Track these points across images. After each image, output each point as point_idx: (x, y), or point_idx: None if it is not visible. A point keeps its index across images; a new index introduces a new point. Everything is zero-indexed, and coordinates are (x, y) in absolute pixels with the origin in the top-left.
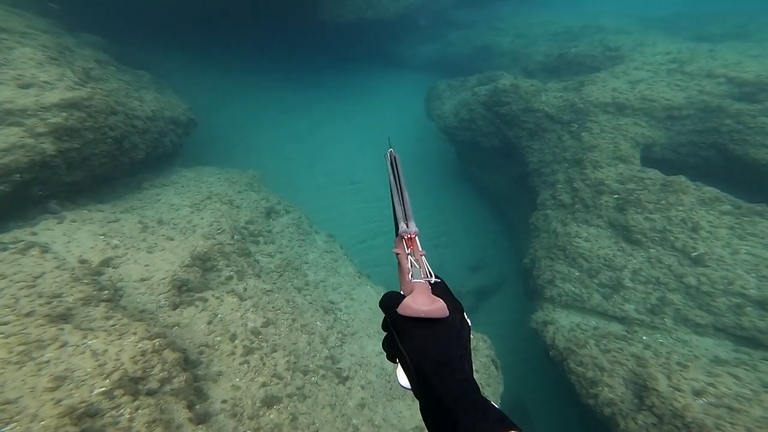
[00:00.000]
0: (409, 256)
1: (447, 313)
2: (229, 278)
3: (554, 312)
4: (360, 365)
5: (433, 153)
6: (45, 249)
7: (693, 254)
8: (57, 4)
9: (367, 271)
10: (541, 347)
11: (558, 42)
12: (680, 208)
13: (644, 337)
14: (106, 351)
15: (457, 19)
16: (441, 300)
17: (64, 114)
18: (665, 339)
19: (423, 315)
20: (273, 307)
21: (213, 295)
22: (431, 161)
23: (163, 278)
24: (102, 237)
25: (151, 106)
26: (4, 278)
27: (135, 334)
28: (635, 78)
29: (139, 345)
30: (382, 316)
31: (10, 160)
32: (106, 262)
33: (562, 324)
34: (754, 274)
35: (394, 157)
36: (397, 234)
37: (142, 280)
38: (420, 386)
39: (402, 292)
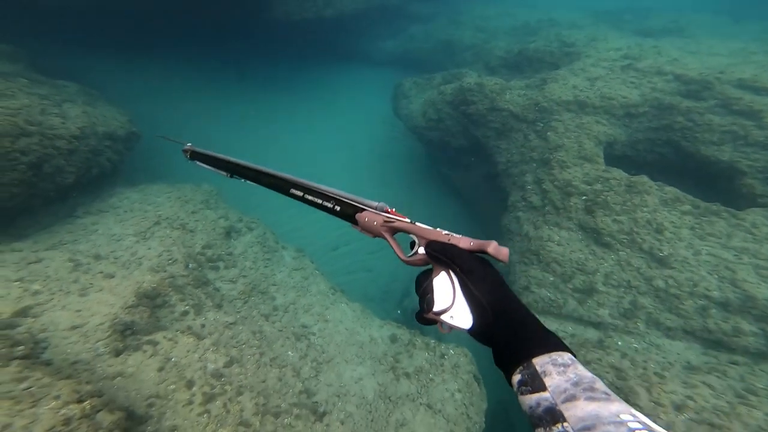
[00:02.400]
0: (417, 223)
1: (507, 253)
2: (185, 314)
3: None
4: (338, 396)
5: (403, 152)
6: None
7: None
8: None
9: (341, 280)
10: None
11: (516, 36)
12: (645, 209)
13: (619, 343)
14: (8, 425)
15: (416, 13)
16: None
17: None
18: (639, 344)
19: (502, 255)
20: (237, 342)
21: (165, 337)
22: (401, 160)
23: (101, 323)
24: (17, 283)
25: (77, 122)
26: None
27: (57, 397)
28: (593, 75)
29: (63, 411)
30: (358, 337)
31: None
32: (21, 312)
33: None
34: (715, 276)
35: (193, 151)
36: (351, 219)
37: (73, 328)
38: (495, 319)
39: (415, 253)
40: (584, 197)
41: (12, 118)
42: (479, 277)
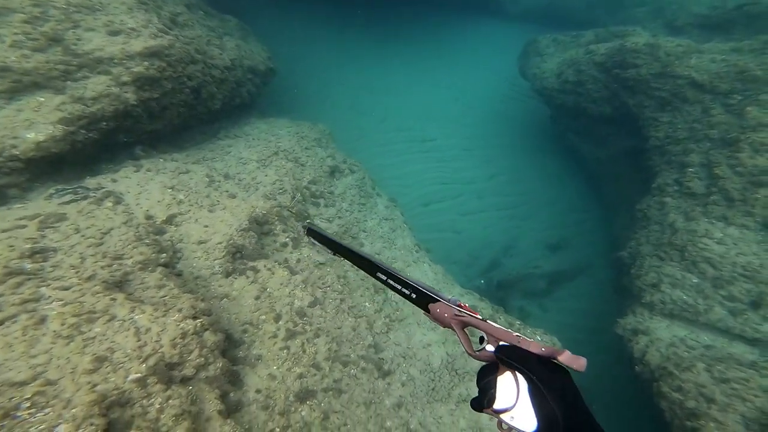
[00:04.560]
0: (489, 321)
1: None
2: (284, 245)
3: (650, 321)
4: (404, 357)
5: (520, 113)
6: (118, 200)
7: None
8: None
9: (428, 237)
10: (615, 347)
11: None
12: None
13: None
14: (148, 330)
15: None
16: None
17: (146, 63)
18: None
19: (578, 364)
20: (323, 284)
21: (265, 266)
22: (516, 122)
23: (220, 242)
24: (170, 190)
25: (231, 54)
26: (77, 232)
27: (180, 311)
28: None
29: (181, 325)
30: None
31: (97, 108)
32: (169, 220)
33: (659, 336)
34: None
35: (310, 229)
36: (425, 308)
37: (200, 242)
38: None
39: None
40: None
41: (187, 46)
42: (554, 386)
